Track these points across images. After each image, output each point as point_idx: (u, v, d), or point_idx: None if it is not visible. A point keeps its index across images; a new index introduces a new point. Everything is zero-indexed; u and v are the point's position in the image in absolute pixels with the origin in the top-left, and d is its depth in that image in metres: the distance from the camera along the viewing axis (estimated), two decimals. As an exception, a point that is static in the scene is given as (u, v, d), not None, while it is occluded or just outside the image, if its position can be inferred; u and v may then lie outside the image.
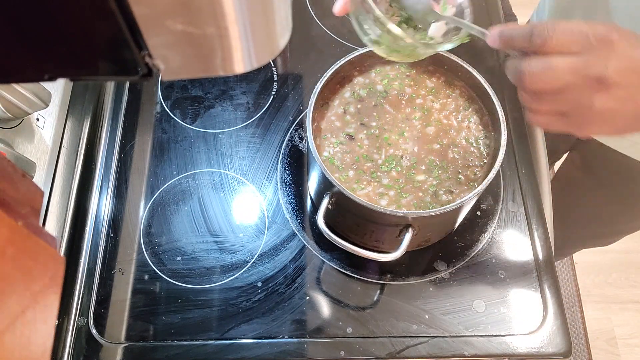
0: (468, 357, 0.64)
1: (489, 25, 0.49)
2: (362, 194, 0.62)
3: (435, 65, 0.69)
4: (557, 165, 1.07)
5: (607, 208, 0.89)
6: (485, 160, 0.64)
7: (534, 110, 0.46)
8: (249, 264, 0.69)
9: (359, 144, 0.65)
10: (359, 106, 0.67)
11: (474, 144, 0.65)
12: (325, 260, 0.69)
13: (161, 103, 0.82)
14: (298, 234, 0.71)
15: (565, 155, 1.01)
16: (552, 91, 0.43)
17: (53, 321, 0.27)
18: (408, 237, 0.59)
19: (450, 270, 0.69)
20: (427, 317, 0.66)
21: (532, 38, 0.43)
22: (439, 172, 0.63)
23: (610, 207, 0.88)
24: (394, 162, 0.64)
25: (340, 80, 0.69)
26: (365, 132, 0.65)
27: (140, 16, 0.21)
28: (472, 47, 0.85)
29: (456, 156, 0.64)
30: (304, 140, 0.77)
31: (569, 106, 0.44)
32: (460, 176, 0.63)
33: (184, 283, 0.68)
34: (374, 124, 0.66)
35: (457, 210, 0.59)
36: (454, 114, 0.67)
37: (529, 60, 0.44)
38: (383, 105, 0.67)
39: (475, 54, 0.84)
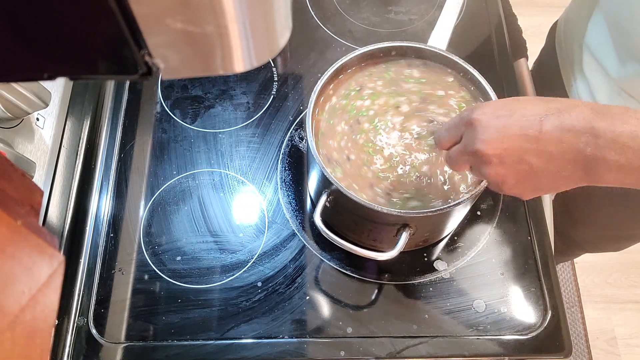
0: (468, 357, 0.64)
1: (489, 25, 0.49)
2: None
3: (444, 66, 0.68)
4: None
5: (618, 212, 0.88)
6: None
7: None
8: (249, 264, 0.69)
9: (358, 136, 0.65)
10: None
11: None
12: (325, 260, 0.69)
13: (161, 103, 0.82)
14: (298, 234, 0.71)
15: None
16: (466, 169, 0.53)
17: (53, 321, 0.27)
18: (405, 236, 0.59)
19: (450, 270, 0.69)
20: (427, 317, 0.66)
21: (436, 143, 0.55)
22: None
23: (621, 212, 0.87)
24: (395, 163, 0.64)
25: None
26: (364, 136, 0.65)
27: (139, 15, 0.21)
28: (473, 48, 0.85)
29: None
30: (304, 140, 0.77)
31: (480, 176, 0.51)
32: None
33: (184, 283, 0.68)
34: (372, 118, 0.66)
35: (455, 211, 0.59)
36: (452, 115, 0.66)
37: (445, 153, 0.54)
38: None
39: (475, 55, 0.84)
